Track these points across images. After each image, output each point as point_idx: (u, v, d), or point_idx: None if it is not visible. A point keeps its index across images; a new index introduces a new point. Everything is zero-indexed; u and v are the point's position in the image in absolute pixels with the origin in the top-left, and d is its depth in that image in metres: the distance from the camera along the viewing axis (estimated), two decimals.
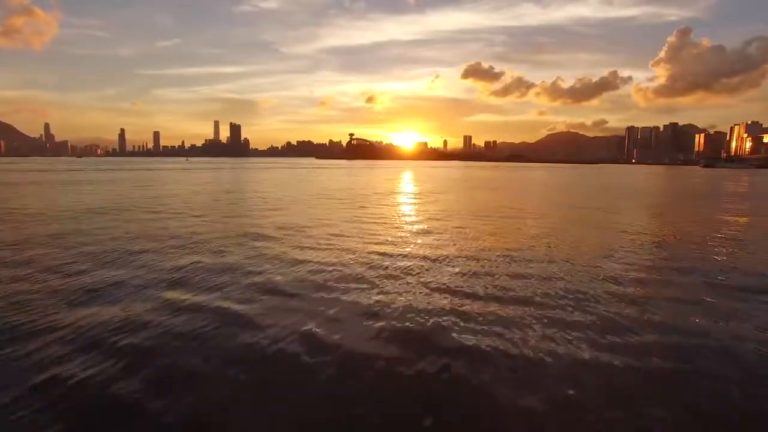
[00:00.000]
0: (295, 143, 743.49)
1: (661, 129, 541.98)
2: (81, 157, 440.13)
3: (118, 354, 5.66)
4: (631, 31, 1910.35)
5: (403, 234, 14.91)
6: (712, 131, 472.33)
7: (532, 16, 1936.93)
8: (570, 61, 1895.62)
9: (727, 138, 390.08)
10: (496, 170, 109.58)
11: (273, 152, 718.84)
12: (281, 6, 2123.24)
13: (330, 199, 27.30)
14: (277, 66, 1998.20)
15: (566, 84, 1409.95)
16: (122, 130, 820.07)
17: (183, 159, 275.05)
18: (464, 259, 11.02)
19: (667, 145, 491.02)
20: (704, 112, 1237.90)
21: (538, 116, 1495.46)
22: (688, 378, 5.30)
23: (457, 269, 9.99)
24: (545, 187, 44.50)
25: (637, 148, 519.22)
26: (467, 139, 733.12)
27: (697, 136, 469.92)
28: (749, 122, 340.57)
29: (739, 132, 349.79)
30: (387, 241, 13.52)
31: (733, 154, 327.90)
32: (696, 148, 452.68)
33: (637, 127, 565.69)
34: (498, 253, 11.64)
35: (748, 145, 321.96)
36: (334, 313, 7.14)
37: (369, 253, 11.61)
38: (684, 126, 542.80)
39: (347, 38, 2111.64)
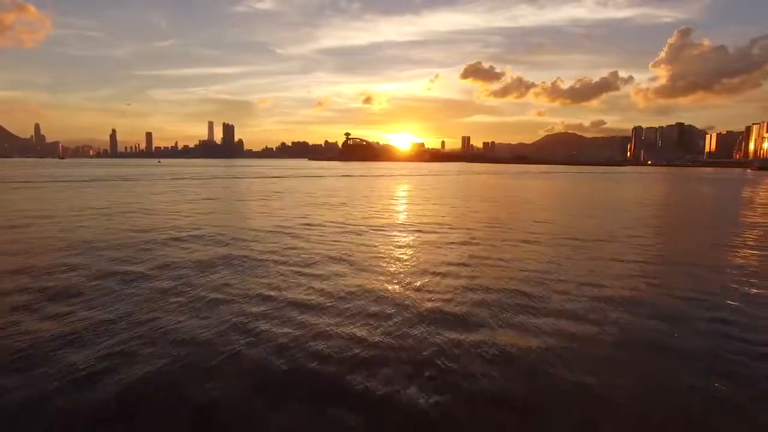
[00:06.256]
0: (290, 144, 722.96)
1: (666, 129, 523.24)
2: (63, 158, 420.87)
3: None
4: (627, 32, 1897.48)
5: None
6: (711, 132, 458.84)
7: (528, 18, 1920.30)
8: (566, 62, 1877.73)
9: (741, 138, 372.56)
10: (523, 178, 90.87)
11: (267, 153, 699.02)
12: (276, 7, 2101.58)
13: None
14: (272, 67, 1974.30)
15: (565, 85, 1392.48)
16: (113, 131, 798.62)
17: (155, 161, 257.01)
18: None
19: (673, 146, 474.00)
20: (701, 112, 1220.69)
21: (535, 117, 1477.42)
22: None
23: None
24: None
25: (643, 148, 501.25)
26: (465, 140, 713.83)
27: (707, 136, 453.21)
28: None
29: (759, 131, 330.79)
30: None
31: (751, 155, 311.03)
32: (707, 149, 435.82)
33: (642, 128, 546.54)
34: None
35: None
36: None
37: None
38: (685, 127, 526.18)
39: (343, 39, 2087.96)
